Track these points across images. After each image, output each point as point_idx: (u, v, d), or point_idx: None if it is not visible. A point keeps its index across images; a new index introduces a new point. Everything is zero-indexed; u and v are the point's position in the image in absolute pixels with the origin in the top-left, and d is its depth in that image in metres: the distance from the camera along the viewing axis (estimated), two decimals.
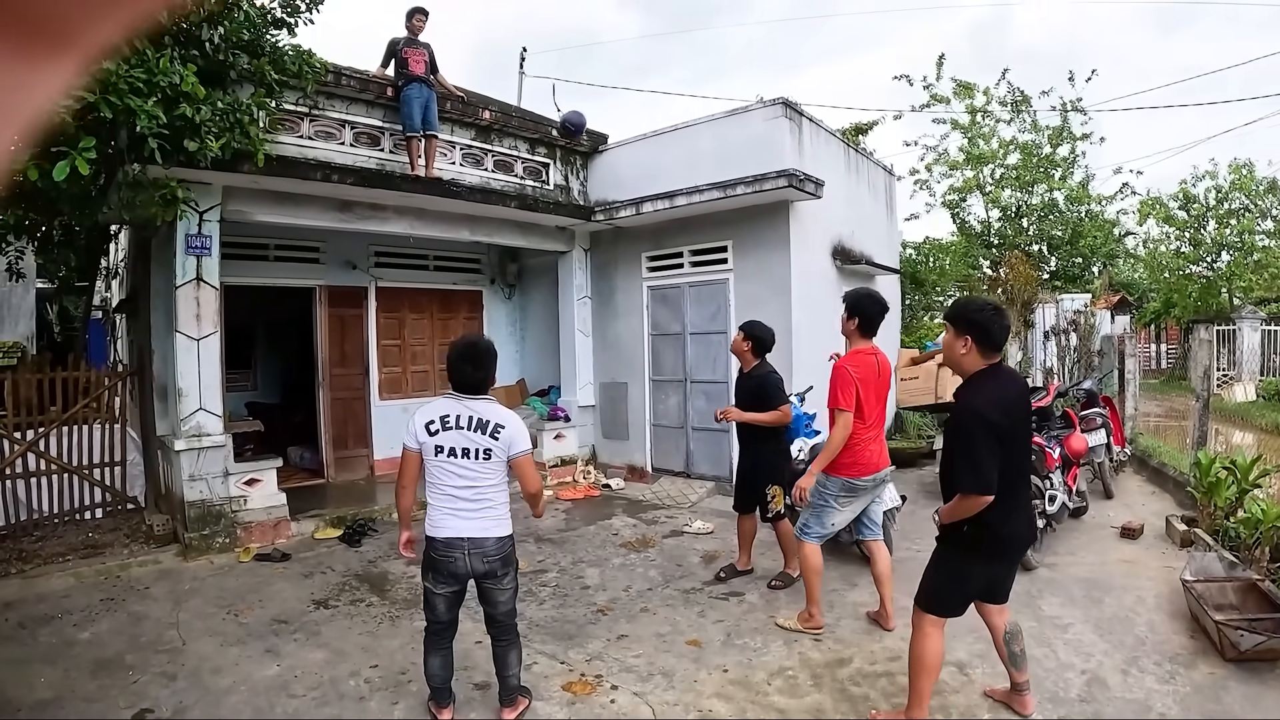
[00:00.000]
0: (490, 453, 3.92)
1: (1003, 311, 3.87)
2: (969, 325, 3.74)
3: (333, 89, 8.51)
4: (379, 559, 7.37)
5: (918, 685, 3.93)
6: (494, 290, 12.73)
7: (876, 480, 5.32)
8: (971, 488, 3.59)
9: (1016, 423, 3.72)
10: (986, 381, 3.74)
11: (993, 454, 3.57)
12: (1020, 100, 22.57)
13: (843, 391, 5.10)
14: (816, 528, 5.35)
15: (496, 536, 3.98)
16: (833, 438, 5.15)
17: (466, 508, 3.93)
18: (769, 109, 9.45)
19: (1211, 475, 7.00)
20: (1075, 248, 23.15)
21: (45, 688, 4.69)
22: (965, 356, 3.77)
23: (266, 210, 8.18)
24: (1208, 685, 4.44)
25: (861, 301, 5.34)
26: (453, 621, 4.17)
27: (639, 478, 10.92)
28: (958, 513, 3.69)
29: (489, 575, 4.01)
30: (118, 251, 11.13)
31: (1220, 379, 18.88)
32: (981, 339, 3.72)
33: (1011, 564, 4.02)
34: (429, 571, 4.06)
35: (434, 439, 3.94)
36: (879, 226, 12.77)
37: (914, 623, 4.02)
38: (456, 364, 4.01)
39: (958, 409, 3.81)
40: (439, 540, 3.96)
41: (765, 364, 6.40)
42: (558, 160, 11.08)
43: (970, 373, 3.80)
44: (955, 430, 3.80)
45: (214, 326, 7.70)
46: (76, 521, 8.21)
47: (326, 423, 10.59)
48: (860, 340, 5.32)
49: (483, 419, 3.94)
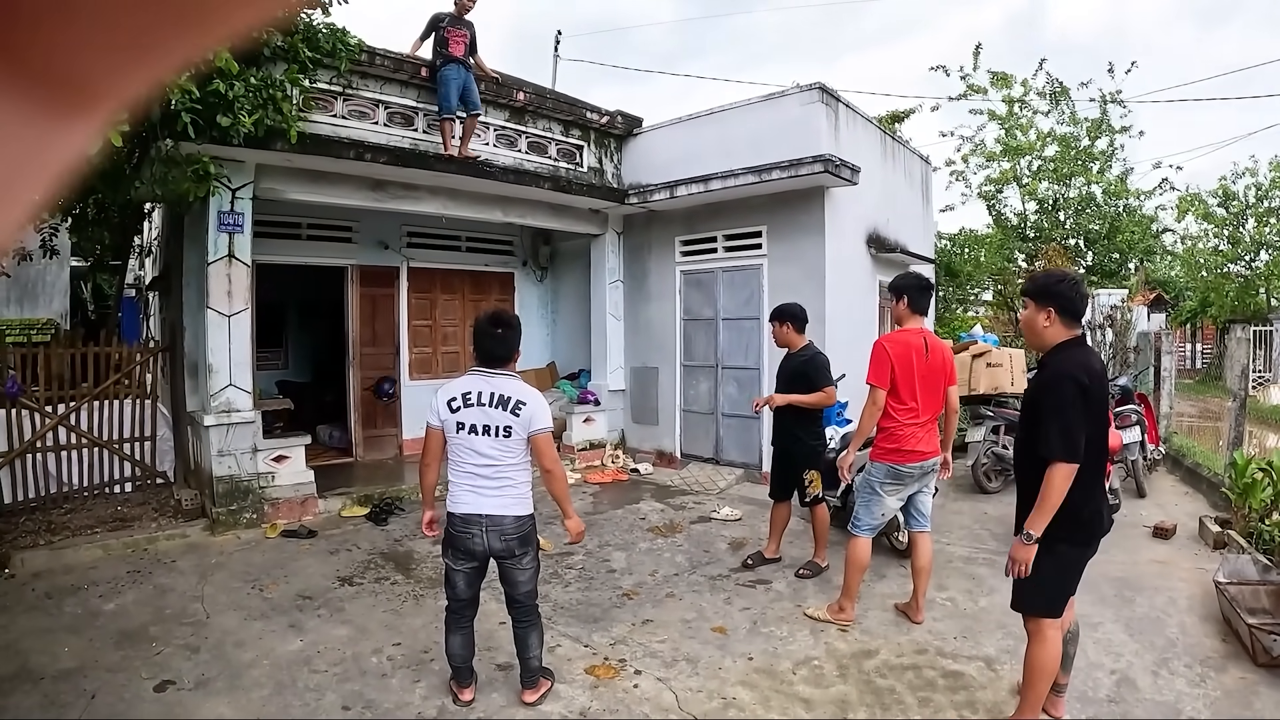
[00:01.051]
0: (511, 430, 3.90)
1: (1080, 281, 3.81)
2: (1051, 297, 3.68)
3: (366, 68, 8.48)
4: (405, 538, 7.38)
5: (1038, 690, 3.80)
6: (526, 272, 12.70)
7: (924, 469, 5.19)
8: (1064, 454, 3.46)
9: (1103, 398, 3.64)
10: (1075, 349, 3.67)
11: (1083, 421, 3.48)
12: (1058, 92, 22.23)
13: (874, 367, 5.07)
14: (867, 519, 5.27)
15: (515, 515, 3.96)
16: (862, 414, 5.12)
17: (487, 485, 3.91)
18: (805, 94, 9.34)
19: (1247, 476, 6.85)
20: (1112, 243, 22.80)
21: (69, 657, 4.73)
22: (1049, 329, 3.70)
23: (299, 188, 8.18)
24: (1239, 690, 4.35)
25: (899, 281, 5.39)
26: (473, 600, 4.16)
27: (668, 463, 10.87)
28: (1053, 492, 3.48)
29: (507, 554, 3.99)
30: (151, 229, 11.20)
31: (1256, 380, 18.54)
32: (1064, 309, 3.66)
33: (1093, 546, 3.77)
34: (448, 548, 4.05)
35: (455, 415, 3.93)
36: (914, 215, 12.61)
37: (1031, 630, 3.79)
38: (481, 333, 4.01)
39: (1048, 375, 3.66)
40: (458, 516, 3.95)
41: (811, 344, 6.38)
42: (591, 143, 11.03)
43: (1053, 345, 3.72)
44: (1045, 396, 3.63)
45: (245, 303, 7.72)
46: (106, 495, 8.28)
47: (356, 402, 10.62)
48: (912, 320, 5.25)
49: (504, 395, 3.91)
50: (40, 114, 0.27)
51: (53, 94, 0.26)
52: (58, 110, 0.27)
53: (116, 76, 0.27)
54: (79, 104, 0.27)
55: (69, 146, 0.28)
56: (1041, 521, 3.53)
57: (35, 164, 0.28)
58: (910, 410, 5.08)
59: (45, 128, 0.27)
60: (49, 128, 0.27)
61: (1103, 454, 3.70)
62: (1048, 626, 3.74)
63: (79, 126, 0.28)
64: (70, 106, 0.27)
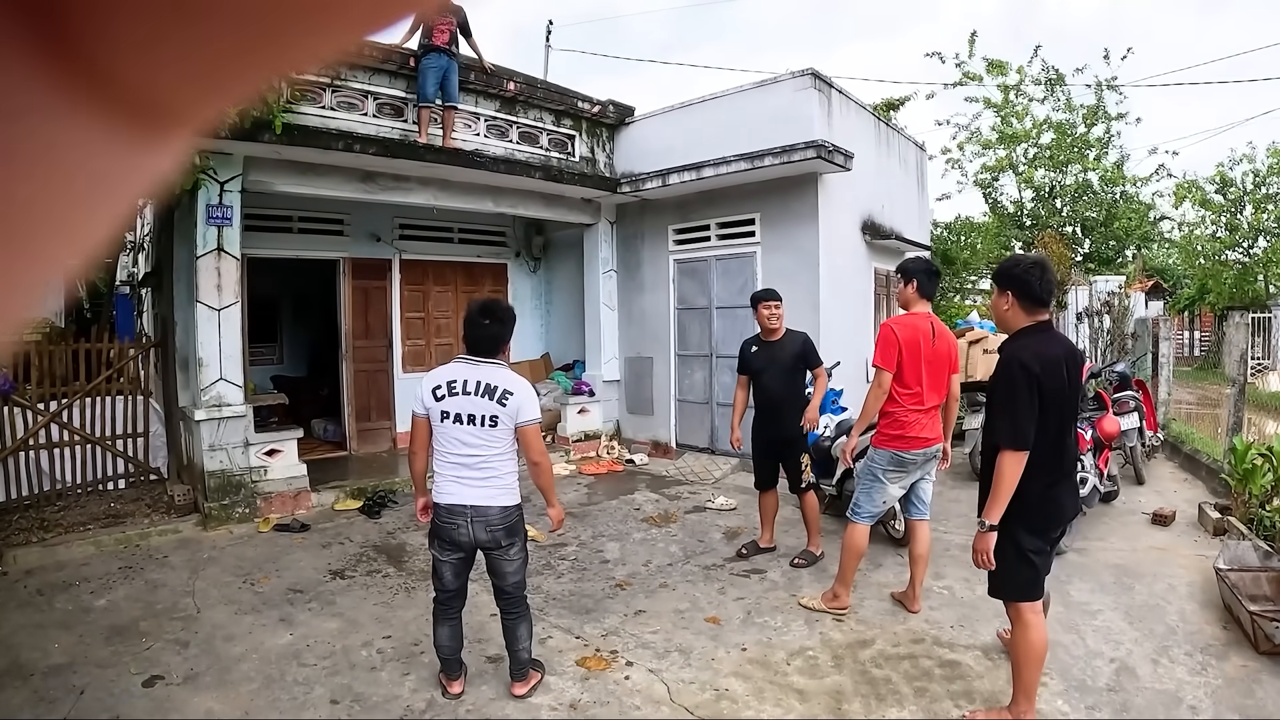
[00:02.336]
0: (497, 420, 3.84)
1: (1045, 266, 3.78)
2: (1009, 280, 3.70)
3: (355, 58, 8.40)
4: (397, 530, 7.35)
5: (1027, 678, 3.77)
6: (519, 263, 12.66)
7: (927, 455, 5.13)
8: (1010, 441, 3.52)
9: (1061, 386, 3.61)
10: (1030, 337, 3.68)
11: (1031, 409, 3.50)
12: (1054, 79, 22.21)
13: (882, 349, 4.98)
14: (868, 506, 5.18)
15: (501, 505, 3.91)
16: (867, 397, 5.04)
17: (471, 476, 3.86)
18: (797, 80, 9.27)
19: (1247, 462, 6.80)
20: (1109, 230, 22.82)
21: (59, 653, 4.70)
22: (1008, 313, 3.74)
23: (288, 181, 8.13)
24: (1240, 678, 4.30)
25: (909, 265, 5.27)
26: (460, 591, 4.11)
27: (663, 453, 10.85)
28: (1003, 480, 3.54)
29: (494, 545, 3.94)
30: (143, 226, 11.15)
31: (1254, 367, 18.49)
32: (1022, 293, 3.67)
33: (1052, 534, 3.82)
34: (434, 538, 4.01)
35: (440, 404, 3.88)
36: (910, 202, 12.57)
37: (1012, 616, 3.85)
38: (472, 319, 3.97)
39: (1000, 361, 3.71)
40: (443, 507, 3.91)
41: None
42: (583, 132, 10.95)
43: (1015, 330, 3.75)
44: (996, 383, 3.73)
45: (235, 297, 7.67)
46: (99, 492, 8.25)
47: (349, 395, 10.58)
48: (919, 304, 5.17)
49: (490, 384, 3.86)
50: (123, 134, 0.27)
51: (136, 115, 0.27)
52: (140, 131, 0.27)
53: (198, 100, 0.27)
54: (162, 126, 0.28)
55: (150, 167, 0.29)
56: (996, 510, 3.59)
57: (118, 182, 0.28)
58: (915, 396, 5.01)
59: (128, 148, 0.28)
60: (132, 148, 0.28)
61: (1060, 441, 3.69)
62: (1026, 611, 3.75)
63: (160, 148, 0.28)
64: (153, 128, 0.27)
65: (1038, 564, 3.75)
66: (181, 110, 0.27)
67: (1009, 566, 3.74)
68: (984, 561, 3.68)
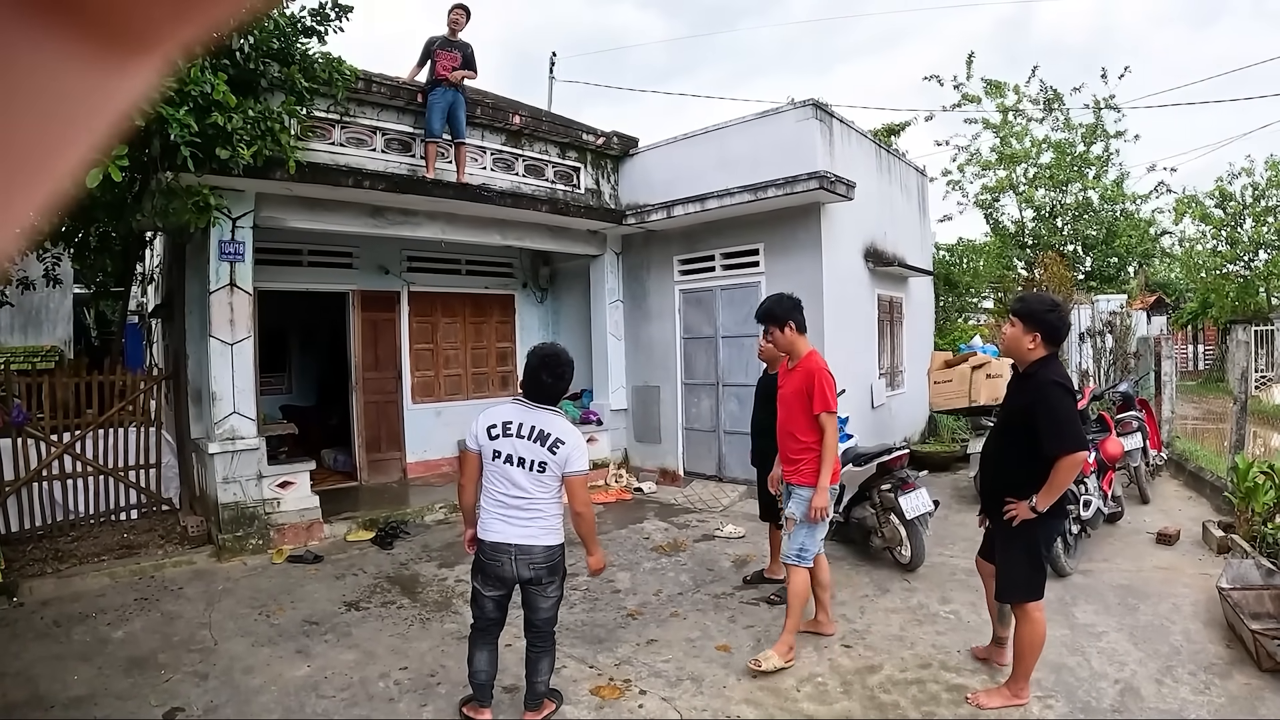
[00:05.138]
0: (545, 466, 3.93)
1: (1064, 308, 4.44)
2: (1038, 323, 4.19)
3: (363, 96, 8.55)
4: (410, 561, 7.41)
5: (1028, 664, 4.27)
6: (526, 294, 12.75)
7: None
8: (1075, 445, 4.01)
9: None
10: (1053, 363, 4.25)
11: (1077, 417, 4.16)
12: (1052, 99, 22.36)
13: (831, 392, 4.99)
14: (813, 548, 5.07)
15: (545, 545, 3.99)
16: (830, 443, 5.00)
17: (518, 516, 3.95)
18: (799, 110, 9.41)
19: (1249, 480, 6.86)
20: (1110, 247, 22.89)
21: (79, 685, 4.77)
22: (1033, 350, 4.22)
23: (299, 216, 8.27)
24: (1244, 696, 4.36)
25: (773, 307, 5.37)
26: (501, 620, 4.20)
27: (671, 481, 10.90)
28: (1064, 479, 4.05)
29: (534, 581, 4.02)
30: (153, 257, 11.25)
31: (1258, 381, 18.49)
32: (1049, 337, 4.20)
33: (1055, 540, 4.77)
34: (478, 573, 4.10)
35: (493, 443, 3.97)
36: (911, 228, 12.68)
37: (1018, 615, 4.30)
38: (534, 370, 4.04)
39: (1041, 382, 4.15)
40: (487, 544, 3.99)
41: None
42: (588, 164, 11.08)
43: (1030, 360, 4.25)
44: (1042, 399, 4.11)
45: (247, 331, 7.78)
46: (112, 522, 8.31)
47: (360, 426, 10.66)
48: (805, 343, 5.28)
49: (544, 431, 3.95)
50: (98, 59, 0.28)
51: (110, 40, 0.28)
52: (115, 56, 0.28)
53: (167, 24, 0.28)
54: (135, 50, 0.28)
55: (125, 91, 0.30)
56: (1048, 500, 4.09)
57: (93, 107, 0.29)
58: None
59: (103, 73, 0.28)
60: (106, 73, 0.29)
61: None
62: (1033, 609, 4.23)
63: (134, 72, 0.29)
64: (126, 52, 0.28)
65: (1044, 567, 4.35)
66: (151, 34, 0.28)
67: (1026, 572, 4.25)
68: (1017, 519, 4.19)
